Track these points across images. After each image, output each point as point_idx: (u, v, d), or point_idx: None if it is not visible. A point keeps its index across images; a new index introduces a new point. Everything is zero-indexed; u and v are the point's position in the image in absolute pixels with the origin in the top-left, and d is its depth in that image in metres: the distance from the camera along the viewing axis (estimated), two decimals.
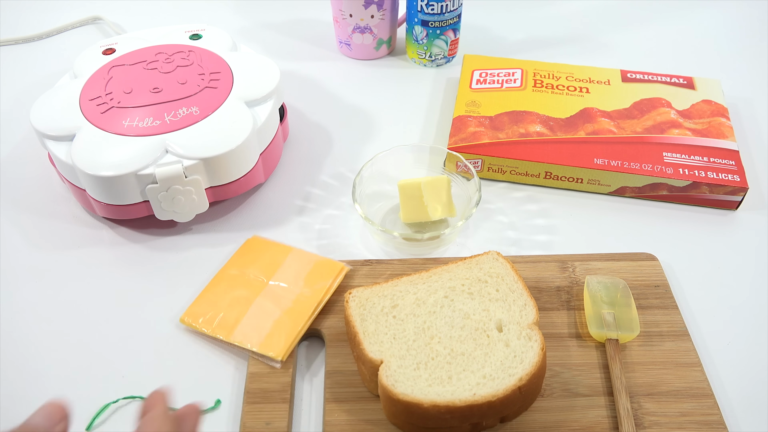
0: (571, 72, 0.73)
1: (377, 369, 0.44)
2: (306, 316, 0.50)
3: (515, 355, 0.44)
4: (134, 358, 0.50)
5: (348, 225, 0.61)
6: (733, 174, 0.61)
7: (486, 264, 0.51)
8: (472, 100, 0.70)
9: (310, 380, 0.49)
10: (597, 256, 0.56)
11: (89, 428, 0.46)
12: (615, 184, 0.62)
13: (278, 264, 0.54)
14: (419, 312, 0.47)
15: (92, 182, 0.54)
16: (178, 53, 0.65)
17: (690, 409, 0.46)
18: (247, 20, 0.90)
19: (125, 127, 0.57)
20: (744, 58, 0.82)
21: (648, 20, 0.89)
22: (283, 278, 0.53)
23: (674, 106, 0.68)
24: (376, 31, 0.79)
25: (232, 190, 0.59)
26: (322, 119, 0.73)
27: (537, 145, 0.64)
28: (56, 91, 0.62)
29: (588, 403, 0.46)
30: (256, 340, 0.49)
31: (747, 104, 0.74)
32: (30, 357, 0.50)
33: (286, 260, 0.54)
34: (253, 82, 0.62)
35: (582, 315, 0.52)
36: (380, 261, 0.55)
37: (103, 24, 0.89)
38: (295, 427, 0.46)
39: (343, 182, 0.65)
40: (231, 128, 0.57)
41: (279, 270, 0.54)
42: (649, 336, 0.50)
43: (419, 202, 0.57)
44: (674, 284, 0.55)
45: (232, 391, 0.48)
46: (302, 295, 0.52)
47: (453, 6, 0.75)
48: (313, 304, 0.51)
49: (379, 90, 0.77)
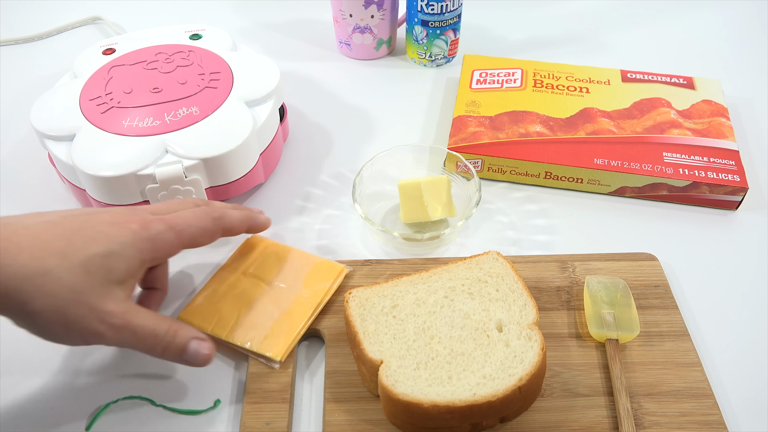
0: (571, 72, 0.73)
1: (377, 369, 0.44)
2: (305, 317, 0.50)
3: (515, 355, 0.44)
4: (134, 358, 0.50)
5: (348, 225, 0.61)
6: (733, 174, 0.61)
7: (486, 264, 0.51)
8: (472, 100, 0.70)
9: (310, 380, 0.49)
10: (597, 256, 0.56)
11: (89, 428, 0.46)
12: (615, 184, 0.62)
13: (278, 264, 0.54)
14: (419, 312, 0.47)
15: (92, 182, 0.54)
16: (178, 53, 0.65)
17: (690, 409, 0.46)
18: (247, 20, 0.90)
19: (125, 127, 0.57)
20: (744, 58, 0.82)
21: (648, 20, 0.89)
22: (283, 279, 0.53)
23: (674, 106, 0.68)
24: (376, 31, 0.79)
25: (232, 190, 0.59)
26: (322, 119, 0.73)
27: (537, 145, 0.64)
28: (56, 91, 0.62)
29: (588, 403, 0.46)
30: (255, 340, 0.49)
31: (747, 104, 0.74)
32: (30, 357, 0.50)
33: (286, 261, 0.54)
34: (253, 82, 0.62)
35: (582, 315, 0.52)
36: (380, 261, 0.55)
37: (103, 24, 0.89)
38: (295, 427, 0.46)
39: (343, 182, 0.65)
40: (231, 128, 0.57)
41: (278, 271, 0.54)
42: (649, 336, 0.50)
43: (419, 202, 0.57)
44: (674, 284, 0.55)
45: (232, 391, 0.48)
46: (301, 297, 0.51)
47: (453, 6, 0.75)
48: (312, 306, 0.51)
49: (379, 90, 0.77)
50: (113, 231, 0.41)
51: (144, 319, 0.41)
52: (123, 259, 0.41)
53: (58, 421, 0.46)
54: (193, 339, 0.43)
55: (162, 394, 0.48)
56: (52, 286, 0.38)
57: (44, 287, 0.38)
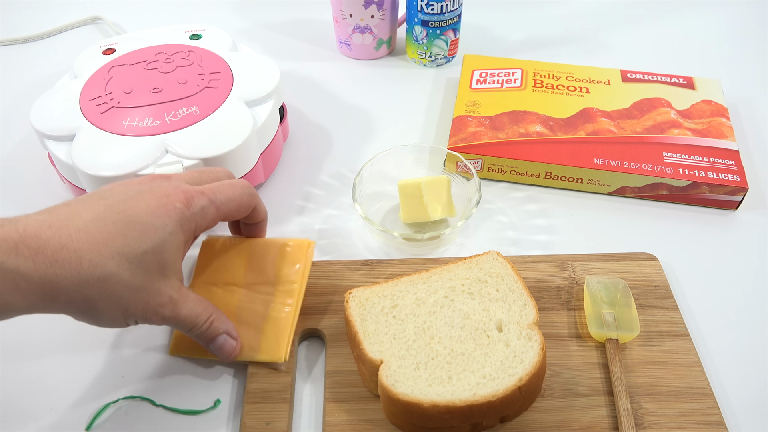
0: (571, 72, 0.73)
1: (377, 369, 0.44)
2: (293, 308, 0.49)
3: (515, 355, 0.44)
4: (134, 358, 0.50)
5: (348, 225, 0.61)
6: (733, 174, 0.61)
7: (486, 264, 0.51)
8: (472, 100, 0.70)
9: (310, 380, 0.49)
10: (597, 256, 0.56)
11: (89, 428, 0.46)
12: (615, 184, 0.62)
13: (243, 262, 0.51)
14: (419, 312, 0.47)
15: (92, 182, 0.54)
16: (178, 53, 0.65)
17: (690, 409, 0.46)
18: (247, 20, 0.90)
19: (125, 127, 0.57)
20: (744, 58, 0.82)
21: (648, 20, 0.89)
22: (254, 276, 0.50)
23: (674, 106, 0.68)
24: (376, 31, 0.79)
25: None
26: (322, 119, 0.73)
27: (537, 145, 0.64)
28: (56, 91, 0.62)
29: (588, 403, 0.46)
30: (254, 351, 0.47)
31: (747, 104, 0.74)
32: (30, 357, 0.50)
33: (249, 255, 0.51)
34: (253, 82, 0.62)
35: (582, 315, 0.52)
36: (380, 261, 0.55)
37: (103, 24, 0.89)
38: (295, 427, 0.46)
39: (343, 182, 0.65)
40: (231, 128, 0.57)
41: (246, 268, 0.50)
42: (649, 336, 0.50)
43: (419, 202, 0.57)
44: (674, 284, 0.55)
45: (232, 391, 0.48)
46: (281, 288, 0.49)
47: (453, 6, 0.75)
48: (295, 294, 0.49)
49: (379, 90, 0.77)
50: (161, 217, 0.42)
51: (190, 309, 0.44)
52: (173, 246, 0.42)
53: (58, 421, 0.46)
54: (223, 333, 0.46)
55: (162, 394, 0.48)
56: (115, 289, 0.40)
57: (107, 291, 0.39)
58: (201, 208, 0.44)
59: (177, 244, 0.43)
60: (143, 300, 0.41)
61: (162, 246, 0.41)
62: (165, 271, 0.42)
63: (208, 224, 0.45)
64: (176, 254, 0.43)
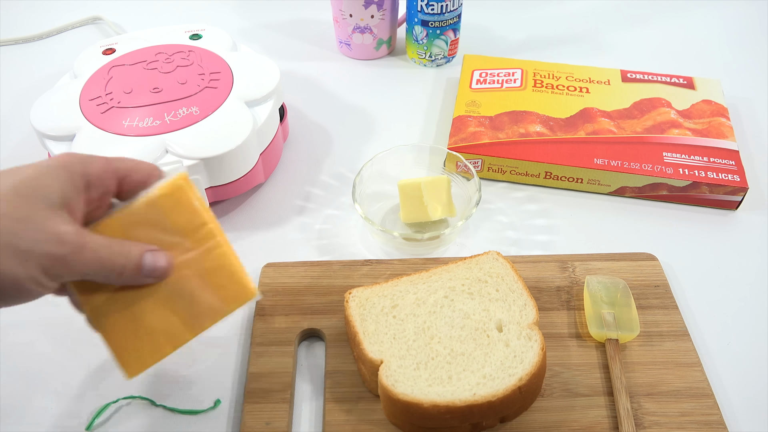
0: (571, 72, 0.73)
1: (377, 369, 0.44)
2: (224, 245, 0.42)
3: (515, 355, 0.44)
4: None
5: (348, 225, 0.61)
6: (733, 174, 0.61)
7: (486, 264, 0.51)
8: (472, 100, 0.70)
9: (310, 380, 0.49)
10: (597, 256, 0.56)
11: (89, 428, 0.46)
12: (615, 184, 0.62)
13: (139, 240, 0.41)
14: (419, 312, 0.47)
15: None
16: (178, 53, 0.65)
17: (690, 409, 0.46)
18: (247, 20, 0.90)
19: (125, 127, 0.57)
20: (744, 58, 0.82)
21: (648, 20, 0.89)
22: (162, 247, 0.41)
23: (674, 106, 0.68)
24: (376, 31, 0.79)
25: (232, 190, 0.59)
26: (322, 119, 0.73)
27: (537, 145, 0.64)
28: (56, 91, 0.62)
29: (588, 403, 0.46)
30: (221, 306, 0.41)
31: (747, 104, 0.74)
32: (30, 356, 0.50)
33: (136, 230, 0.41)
34: (253, 82, 0.62)
35: (582, 315, 0.52)
36: (380, 261, 0.55)
37: (103, 24, 0.89)
38: (295, 427, 0.46)
39: (343, 182, 0.65)
40: (231, 128, 0.57)
41: None
42: (649, 336, 0.50)
43: (419, 202, 0.57)
44: (674, 284, 0.55)
45: (232, 391, 0.48)
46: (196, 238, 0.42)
47: (453, 6, 0.75)
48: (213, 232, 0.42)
49: (379, 90, 0.77)
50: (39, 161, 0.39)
51: (99, 239, 0.38)
52: (55, 180, 0.38)
53: (58, 421, 0.46)
54: (146, 252, 0.39)
55: (162, 394, 0.48)
56: None
57: None
58: (88, 155, 0.40)
59: (59, 179, 0.38)
60: (33, 228, 0.36)
61: (38, 175, 0.37)
62: (50, 201, 0.37)
63: (100, 174, 0.39)
64: (61, 189, 0.37)
